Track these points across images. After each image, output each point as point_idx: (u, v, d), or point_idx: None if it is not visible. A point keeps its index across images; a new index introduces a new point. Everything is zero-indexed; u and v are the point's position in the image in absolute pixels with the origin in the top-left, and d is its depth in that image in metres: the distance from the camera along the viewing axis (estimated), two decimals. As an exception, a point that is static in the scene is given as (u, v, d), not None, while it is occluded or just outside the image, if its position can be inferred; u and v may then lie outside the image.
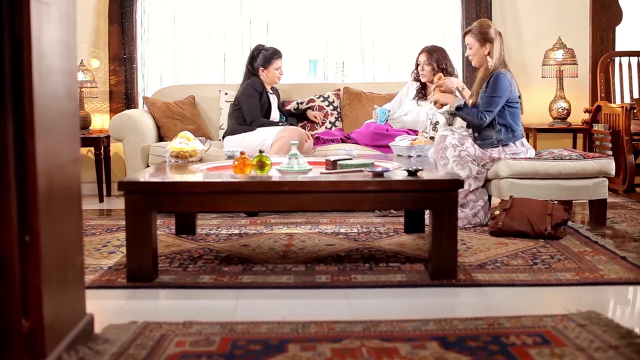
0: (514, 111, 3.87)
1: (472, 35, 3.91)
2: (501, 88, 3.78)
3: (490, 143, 3.87)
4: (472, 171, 3.85)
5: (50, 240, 1.81)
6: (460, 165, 3.83)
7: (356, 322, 2.25)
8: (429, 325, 2.22)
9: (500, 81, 3.79)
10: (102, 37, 5.41)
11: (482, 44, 3.88)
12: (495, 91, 3.79)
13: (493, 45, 3.86)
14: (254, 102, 4.58)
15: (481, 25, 3.93)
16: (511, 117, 3.86)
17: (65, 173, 1.93)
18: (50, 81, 1.83)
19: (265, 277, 2.84)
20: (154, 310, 2.51)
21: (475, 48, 3.91)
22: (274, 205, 2.95)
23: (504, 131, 3.85)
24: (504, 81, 3.79)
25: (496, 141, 3.85)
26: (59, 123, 1.90)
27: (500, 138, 3.85)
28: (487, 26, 3.91)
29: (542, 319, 2.27)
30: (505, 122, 3.85)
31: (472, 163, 3.84)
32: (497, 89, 3.79)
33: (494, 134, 3.85)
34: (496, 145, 3.86)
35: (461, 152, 3.83)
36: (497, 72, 3.82)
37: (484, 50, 3.89)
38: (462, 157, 3.82)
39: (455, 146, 3.84)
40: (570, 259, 3.09)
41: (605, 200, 3.87)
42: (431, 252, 2.80)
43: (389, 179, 2.84)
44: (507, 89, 3.80)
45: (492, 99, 3.79)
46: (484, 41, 3.88)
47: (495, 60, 3.86)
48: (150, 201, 2.76)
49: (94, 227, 3.95)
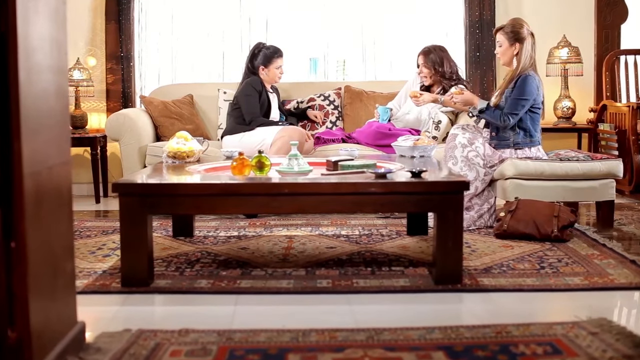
0: (535, 116, 3.78)
1: (503, 33, 3.81)
2: (528, 91, 3.68)
3: (506, 144, 3.77)
4: (480, 174, 3.77)
5: (38, 246, 1.73)
6: (467, 167, 3.75)
7: (359, 330, 2.16)
8: (435, 333, 2.14)
9: (528, 84, 3.68)
10: (98, 34, 5.33)
11: (512, 43, 3.78)
12: (522, 93, 3.68)
13: (523, 45, 3.75)
14: (253, 101, 4.50)
15: (514, 23, 3.82)
16: (531, 122, 3.77)
17: (55, 175, 1.85)
18: (39, 79, 1.74)
19: (264, 281, 2.75)
20: (149, 316, 2.43)
21: (504, 47, 3.81)
22: (274, 208, 2.86)
23: (522, 135, 3.76)
24: (532, 84, 3.69)
25: (513, 144, 3.77)
26: (48, 123, 1.81)
27: (517, 141, 3.76)
28: (519, 25, 3.79)
29: (552, 326, 2.19)
30: (525, 125, 3.76)
31: (479, 165, 3.75)
32: (525, 92, 3.68)
33: (512, 136, 3.76)
34: (512, 147, 3.77)
35: (469, 152, 3.75)
36: (526, 74, 3.71)
37: (513, 49, 3.78)
38: (470, 159, 3.74)
39: (465, 146, 3.75)
40: (578, 262, 3.01)
41: (612, 202, 3.79)
42: (435, 256, 2.71)
43: (392, 180, 2.75)
44: (534, 92, 3.70)
45: (519, 101, 3.69)
46: (514, 40, 3.77)
47: (524, 61, 3.74)
48: (146, 204, 2.67)
49: (89, 229, 3.87)
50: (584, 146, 5.25)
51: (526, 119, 3.75)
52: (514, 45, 3.78)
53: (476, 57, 5.28)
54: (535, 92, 3.70)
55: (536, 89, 3.71)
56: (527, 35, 3.77)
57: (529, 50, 3.76)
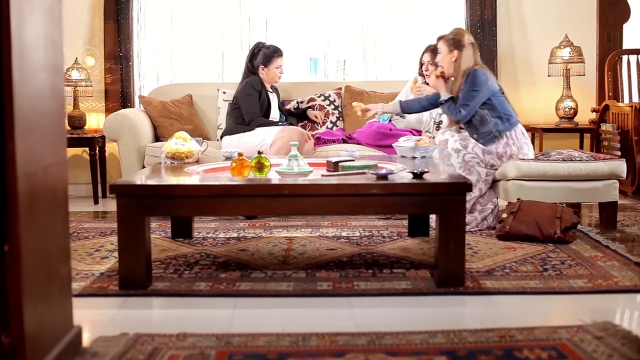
0: (502, 100, 3.80)
1: (444, 40, 3.88)
2: (478, 82, 3.73)
3: (492, 137, 3.76)
4: (481, 174, 3.74)
5: (32, 249, 1.69)
6: (467, 171, 3.71)
7: (360, 334, 2.13)
8: (437, 337, 2.10)
9: (476, 76, 3.74)
10: (97, 34, 5.29)
11: (451, 50, 3.83)
12: (473, 85, 3.73)
13: (461, 52, 3.80)
14: (253, 101, 4.46)
15: (455, 32, 3.89)
16: (501, 106, 3.78)
17: (50, 176, 1.81)
18: (33, 79, 1.71)
19: (264, 284, 2.71)
20: (147, 320, 2.39)
21: (443, 53, 3.88)
22: (273, 210, 2.82)
23: (500, 121, 3.76)
24: (481, 75, 3.74)
25: (497, 132, 3.75)
26: (43, 123, 1.77)
27: (499, 129, 3.75)
28: (460, 35, 3.86)
29: (556, 330, 2.15)
30: (497, 113, 3.76)
31: (479, 165, 3.72)
32: (475, 83, 3.73)
33: (492, 127, 3.76)
34: (499, 136, 3.75)
35: (465, 155, 3.73)
36: (472, 70, 3.77)
37: (451, 56, 3.83)
38: (467, 162, 3.71)
39: (459, 151, 3.74)
40: (581, 264, 2.97)
41: (615, 203, 3.75)
42: (437, 258, 2.67)
43: (393, 182, 2.71)
44: (485, 82, 3.73)
45: (470, 92, 3.74)
46: (453, 47, 3.83)
47: (464, 65, 3.79)
48: (144, 205, 2.63)
49: (87, 231, 3.83)
50: (586, 146, 5.21)
51: (495, 106, 3.76)
52: (453, 52, 3.82)
53: (477, 57, 5.24)
54: (485, 82, 3.73)
55: (486, 79, 3.74)
56: (467, 44, 3.82)
57: (470, 59, 3.80)
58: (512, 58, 5.35)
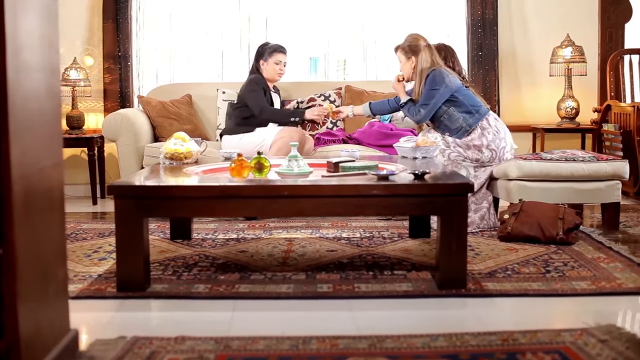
0: (466, 93, 3.82)
1: (401, 49, 3.92)
2: (436, 81, 3.76)
3: (464, 132, 3.79)
4: (470, 171, 3.74)
5: (28, 252, 1.66)
6: (456, 169, 3.70)
7: (360, 338, 2.10)
8: (439, 340, 2.07)
9: (433, 76, 3.77)
10: (96, 34, 5.26)
11: (409, 57, 3.88)
12: (432, 85, 3.77)
13: (418, 57, 3.84)
14: (259, 95, 4.42)
15: (410, 39, 3.93)
16: (467, 100, 3.80)
17: (46, 178, 1.78)
18: (28, 78, 1.68)
19: (263, 286, 2.68)
20: (145, 323, 2.35)
21: (402, 62, 3.93)
22: (273, 211, 2.79)
23: (468, 115, 3.79)
24: (438, 75, 3.77)
25: (468, 126, 3.78)
26: (39, 124, 1.75)
27: (469, 122, 3.79)
28: (414, 40, 3.89)
29: (560, 333, 2.12)
30: (464, 108, 3.79)
31: (465, 161, 3.73)
32: (433, 83, 3.77)
33: (461, 122, 3.79)
34: (469, 130, 3.78)
35: (450, 154, 3.77)
36: (430, 70, 3.80)
37: (411, 63, 3.88)
38: (454, 160, 3.76)
39: (444, 150, 3.79)
40: (584, 266, 2.94)
41: (618, 204, 3.72)
42: (439, 260, 2.64)
43: (395, 182, 2.68)
44: (443, 81, 3.76)
45: (429, 92, 3.78)
46: (411, 54, 3.87)
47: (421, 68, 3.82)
48: (142, 206, 2.60)
49: (85, 232, 3.80)
50: (588, 147, 5.18)
51: (460, 101, 3.78)
52: (410, 59, 3.87)
53: (478, 57, 5.21)
54: (443, 80, 3.75)
55: (445, 77, 3.76)
56: (422, 48, 3.85)
57: (427, 60, 3.82)
58: (513, 58, 5.32)
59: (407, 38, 3.94)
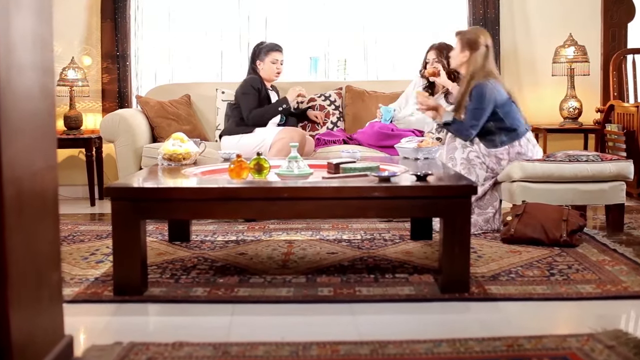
0: (508, 111, 3.70)
1: (460, 38, 3.82)
2: (483, 99, 3.64)
3: (494, 146, 3.71)
4: (480, 177, 3.67)
5: (20, 256, 1.61)
6: (467, 170, 3.66)
7: (362, 343, 2.05)
8: (442, 346, 2.02)
9: (480, 92, 3.65)
10: (94, 33, 5.21)
11: (463, 49, 3.77)
12: (478, 103, 3.65)
13: (474, 53, 3.73)
14: (249, 98, 4.38)
15: (472, 31, 3.83)
16: (507, 118, 3.69)
17: (39, 181, 1.73)
18: (21, 78, 1.63)
19: (263, 289, 2.63)
20: (142, 328, 2.31)
21: (456, 50, 3.83)
22: (273, 214, 2.75)
23: (505, 133, 3.69)
24: (484, 91, 3.64)
25: (500, 143, 3.70)
26: (32, 125, 1.70)
27: (502, 140, 3.70)
28: (475, 34, 3.79)
29: (566, 339, 2.08)
30: (503, 124, 3.68)
31: (480, 167, 3.66)
32: (480, 101, 3.64)
33: (496, 137, 3.70)
34: (500, 146, 3.70)
35: (470, 153, 3.69)
36: (476, 84, 3.68)
37: (463, 56, 3.77)
38: (470, 160, 3.66)
39: (465, 146, 3.70)
40: (589, 269, 2.89)
41: (622, 205, 3.67)
42: (442, 263, 2.59)
43: (397, 184, 2.63)
44: (490, 98, 3.64)
45: (476, 111, 3.65)
46: (467, 47, 3.76)
47: (472, 70, 3.71)
48: (139, 209, 2.55)
49: (83, 234, 3.75)
50: (591, 147, 5.13)
51: (500, 118, 3.68)
52: (465, 52, 3.76)
53: (480, 56, 5.16)
54: (491, 97, 3.64)
55: (490, 94, 3.64)
56: (481, 46, 3.74)
57: (481, 61, 3.72)
58: (515, 57, 5.27)
59: (471, 29, 3.84)
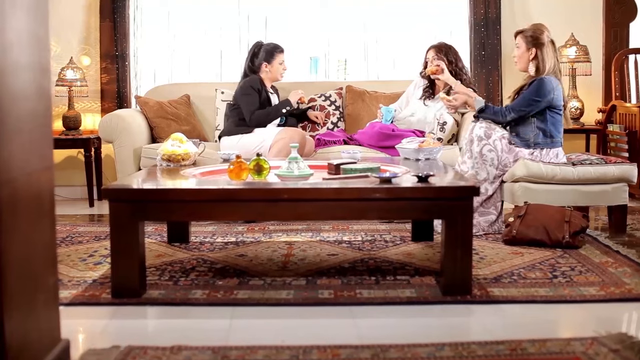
0: (556, 118, 3.65)
1: (523, 36, 3.72)
2: (542, 92, 3.57)
3: (526, 144, 3.65)
4: (490, 175, 3.62)
5: (15, 260, 1.58)
6: (479, 165, 3.59)
7: (363, 347, 2.02)
8: (445, 350, 1.99)
9: (542, 85, 3.57)
10: (93, 33, 5.19)
11: (529, 48, 3.68)
12: (534, 93, 3.58)
13: (541, 51, 3.65)
14: (251, 99, 4.35)
15: (534, 28, 3.72)
16: (552, 124, 3.64)
17: (35, 182, 1.70)
18: (16, 78, 1.60)
19: (262, 292, 2.60)
20: (140, 331, 2.28)
21: (522, 50, 3.71)
22: (273, 215, 2.72)
23: (542, 135, 3.64)
24: (547, 85, 3.57)
25: (533, 144, 3.64)
26: (27, 126, 1.67)
27: (537, 141, 3.64)
28: (539, 31, 3.69)
29: (570, 342, 2.05)
30: (544, 126, 3.63)
31: (491, 164, 3.60)
32: (537, 92, 3.58)
33: (532, 136, 3.64)
34: (531, 146, 3.64)
35: (484, 147, 3.60)
36: (543, 77, 3.61)
37: (529, 54, 3.68)
38: (484, 155, 3.59)
39: (480, 139, 3.61)
40: (592, 270, 2.86)
41: (625, 207, 3.64)
42: (443, 265, 2.56)
43: (398, 185, 2.60)
44: (549, 94, 3.57)
45: (528, 100, 3.59)
46: (532, 45, 3.67)
47: (543, 68, 3.64)
48: (137, 210, 2.52)
49: (81, 235, 3.72)
50: (592, 147, 5.10)
51: (546, 119, 3.62)
52: (531, 50, 3.67)
53: (481, 56, 5.14)
54: (549, 94, 3.57)
55: (551, 91, 3.58)
56: (546, 42, 3.66)
57: (550, 57, 3.65)
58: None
59: (531, 26, 3.74)
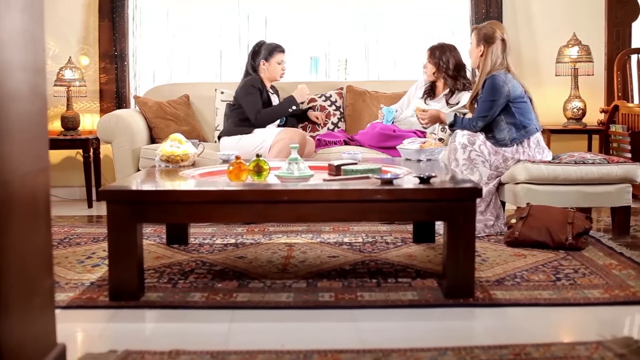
0: (522, 107, 3.67)
1: (476, 33, 3.78)
2: (494, 91, 3.61)
3: (504, 144, 3.66)
4: (483, 175, 3.61)
5: (10, 262, 1.55)
6: (469, 170, 3.59)
7: (364, 352, 1.99)
8: (447, 355, 1.96)
9: (492, 83, 3.63)
10: (91, 33, 5.15)
11: (478, 44, 3.74)
12: (489, 95, 3.64)
13: (489, 48, 3.69)
14: (254, 99, 4.31)
15: (487, 25, 3.78)
16: (520, 114, 3.65)
17: (28, 185, 1.67)
18: (9, 78, 1.56)
19: (262, 295, 2.57)
20: (138, 335, 2.24)
21: (472, 46, 3.80)
22: (272, 217, 2.68)
23: (515, 130, 3.65)
24: (497, 83, 3.62)
25: (510, 141, 3.65)
26: (21, 127, 1.63)
27: (513, 137, 3.65)
28: (491, 28, 3.74)
29: (575, 347, 2.02)
30: (514, 120, 3.64)
31: (483, 165, 3.59)
32: (490, 93, 3.63)
33: (507, 134, 3.66)
34: (510, 145, 3.64)
35: (471, 152, 3.62)
36: (489, 76, 3.66)
37: (479, 50, 3.74)
38: (472, 160, 3.59)
39: (465, 146, 3.63)
40: (595, 273, 2.83)
41: (629, 208, 3.60)
42: (445, 267, 2.53)
43: (399, 187, 2.57)
44: (501, 90, 3.61)
45: (485, 103, 3.66)
46: (482, 41, 3.72)
47: (489, 65, 3.69)
48: (135, 212, 2.49)
49: (79, 236, 3.68)
50: (595, 148, 5.06)
51: (512, 112, 3.65)
52: (480, 46, 3.73)
53: (482, 56, 5.10)
54: (502, 89, 3.61)
55: (503, 85, 3.61)
56: (497, 40, 3.71)
57: (496, 55, 3.69)
58: (518, 57, 5.20)
59: (487, 23, 3.80)
